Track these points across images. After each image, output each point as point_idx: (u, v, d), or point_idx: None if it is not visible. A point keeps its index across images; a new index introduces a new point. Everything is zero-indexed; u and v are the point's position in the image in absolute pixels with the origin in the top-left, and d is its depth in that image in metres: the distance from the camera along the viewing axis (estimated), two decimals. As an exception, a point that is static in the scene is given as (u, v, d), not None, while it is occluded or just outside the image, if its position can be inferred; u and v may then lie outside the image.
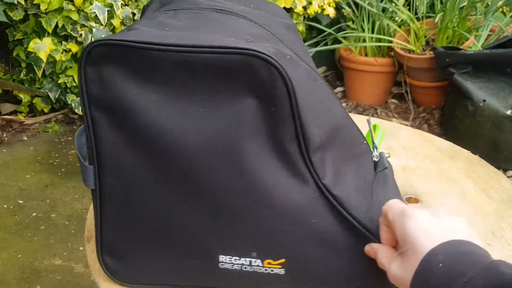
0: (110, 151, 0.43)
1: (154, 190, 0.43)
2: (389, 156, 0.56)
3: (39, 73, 1.68)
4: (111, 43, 0.39)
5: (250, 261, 0.44)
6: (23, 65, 1.72)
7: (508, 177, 1.42)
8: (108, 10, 1.68)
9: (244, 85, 0.39)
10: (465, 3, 1.83)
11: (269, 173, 0.41)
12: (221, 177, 0.41)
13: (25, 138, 1.82)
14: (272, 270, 0.45)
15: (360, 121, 0.90)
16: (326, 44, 2.19)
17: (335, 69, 2.38)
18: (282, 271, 0.44)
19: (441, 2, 1.91)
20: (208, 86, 0.39)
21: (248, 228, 0.43)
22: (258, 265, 0.44)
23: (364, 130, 0.52)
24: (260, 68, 0.38)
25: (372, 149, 0.52)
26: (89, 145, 0.43)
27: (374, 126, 0.60)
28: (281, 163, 0.41)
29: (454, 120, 1.69)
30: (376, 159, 0.51)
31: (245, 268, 0.45)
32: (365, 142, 0.50)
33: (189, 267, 0.46)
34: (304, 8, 2.02)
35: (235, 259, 0.45)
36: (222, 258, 0.45)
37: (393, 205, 0.41)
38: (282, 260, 0.44)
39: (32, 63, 1.67)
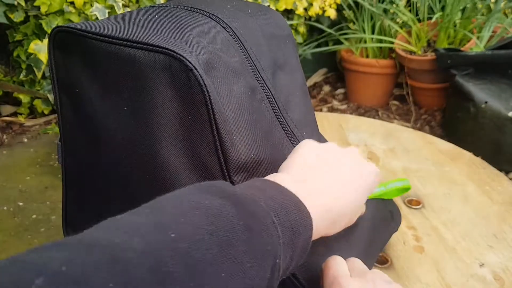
0: (70, 132, 0.46)
1: (98, 179, 0.45)
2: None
3: (39, 75, 1.68)
4: (67, 30, 0.41)
5: None
6: (23, 66, 1.72)
7: (510, 179, 1.41)
8: (108, 12, 1.68)
9: (166, 86, 0.38)
10: (467, 5, 1.82)
11: (184, 184, 0.39)
12: (137, 179, 0.41)
13: (25, 140, 1.81)
14: None
15: (362, 121, 0.89)
16: (327, 46, 2.18)
17: (336, 71, 2.37)
18: None
19: (442, 8, 1.90)
20: (134, 83, 0.39)
21: None
22: None
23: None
24: (179, 71, 0.36)
25: None
26: (59, 124, 0.46)
27: (405, 184, 0.54)
28: (199, 176, 0.40)
29: (455, 122, 1.69)
30: None
31: None
32: None
33: None
34: (305, 9, 2.01)
35: None
36: None
37: (327, 271, 0.37)
38: None
39: (32, 64, 1.67)
